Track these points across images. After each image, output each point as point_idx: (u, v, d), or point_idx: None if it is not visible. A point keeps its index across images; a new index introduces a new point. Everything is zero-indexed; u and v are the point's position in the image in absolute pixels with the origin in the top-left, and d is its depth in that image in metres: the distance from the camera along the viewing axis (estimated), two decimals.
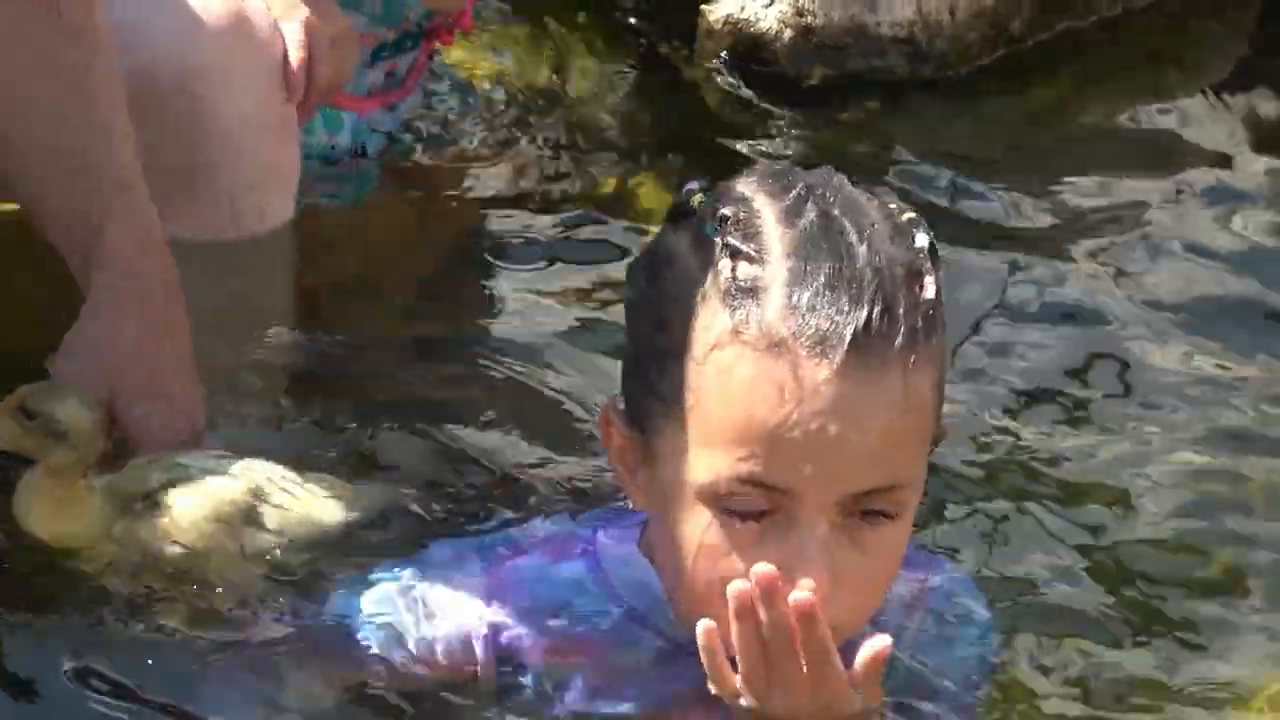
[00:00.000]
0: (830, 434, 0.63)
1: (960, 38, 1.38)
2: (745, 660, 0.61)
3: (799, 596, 0.59)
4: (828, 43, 1.37)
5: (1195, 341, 1.20)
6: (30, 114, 0.96)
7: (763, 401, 0.62)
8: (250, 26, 1.17)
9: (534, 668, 0.75)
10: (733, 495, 0.64)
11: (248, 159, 1.18)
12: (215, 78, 1.15)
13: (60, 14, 0.97)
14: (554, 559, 0.76)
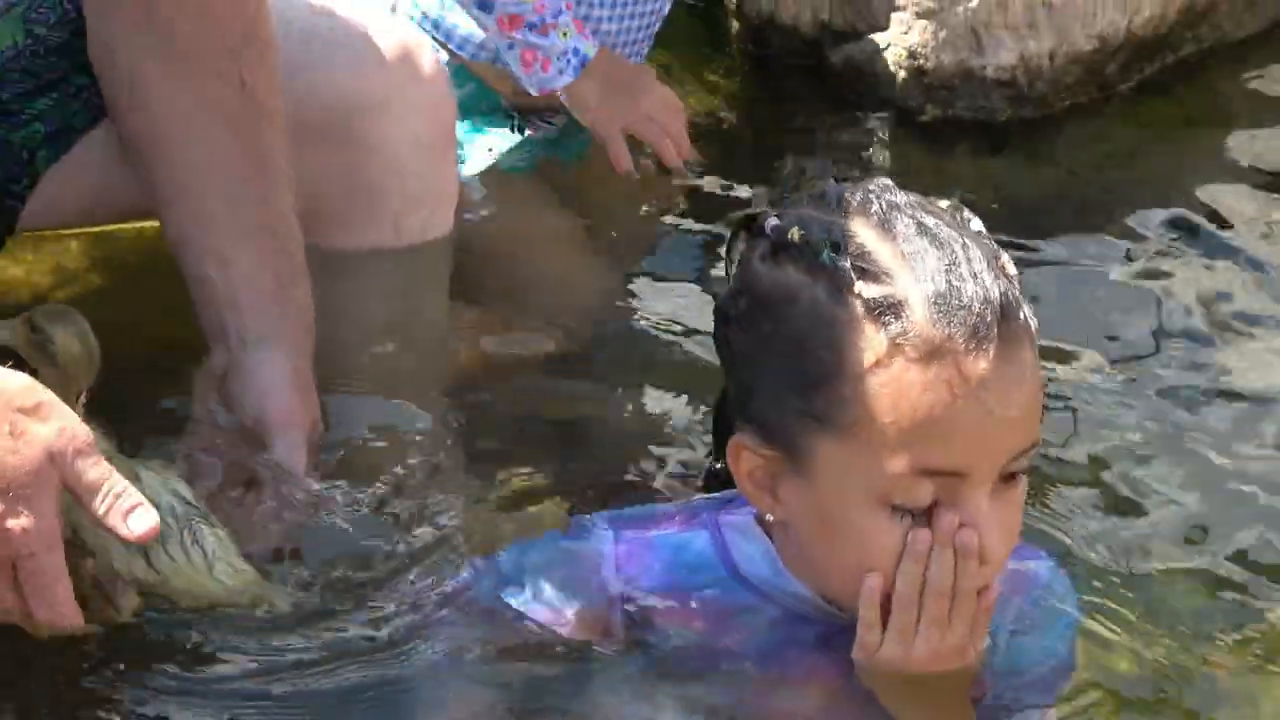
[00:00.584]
0: (995, 415, 0.70)
1: (1058, 81, 1.48)
2: (901, 600, 0.70)
3: (966, 537, 0.68)
4: (946, 63, 1.49)
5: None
6: (220, 189, 1.05)
7: (936, 402, 0.68)
8: (416, 62, 1.24)
9: (660, 630, 0.82)
10: (907, 490, 0.70)
11: (412, 182, 1.25)
12: (385, 110, 1.21)
13: (253, 95, 1.06)
14: (680, 531, 0.84)
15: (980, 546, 0.73)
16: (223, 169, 1.09)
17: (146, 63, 1.08)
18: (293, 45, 1.13)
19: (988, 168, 1.51)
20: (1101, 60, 1.52)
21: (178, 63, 1.08)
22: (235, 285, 1.05)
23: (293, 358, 1.02)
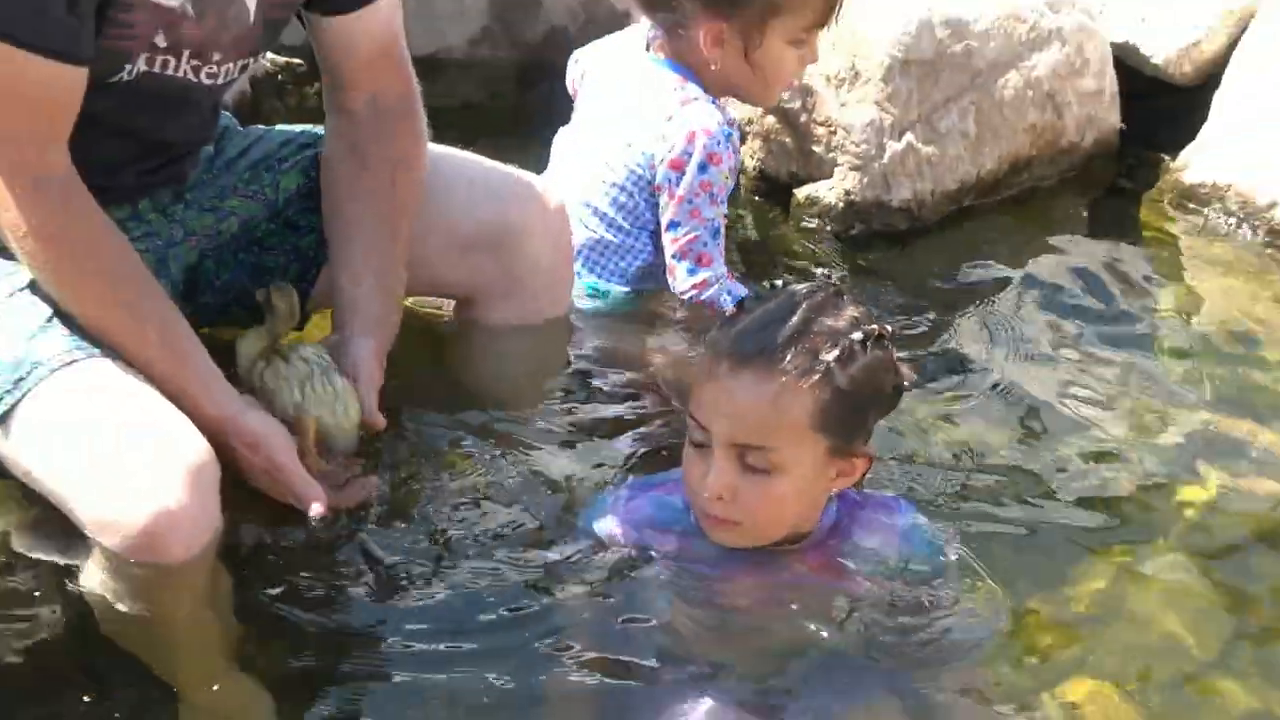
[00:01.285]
0: (721, 401, 1.17)
1: (935, 209, 2.20)
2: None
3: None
4: (857, 203, 2.14)
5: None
6: (366, 245, 1.52)
7: (701, 378, 1.19)
8: (546, 199, 1.71)
9: (656, 551, 1.31)
10: (694, 429, 1.19)
11: (542, 278, 1.71)
12: (526, 230, 1.69)
13: (398, 194, 1.56)
14: (667, 494, 1.34)
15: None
16: (371, 233, 1.56)
17: (342, 167, 1.57)
18: (463, 181, 1.65)
19: (892, 260, 2.17)
20: (961, 194, 2.23)
21: (363, 169, 1.56)
22: (358, 300, 1.51)
23: (375, 346, 1.48)
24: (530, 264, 1.70)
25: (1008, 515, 1.56)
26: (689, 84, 1.82)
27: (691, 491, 1.28)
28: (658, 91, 1.83)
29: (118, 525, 1.29)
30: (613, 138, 1.88)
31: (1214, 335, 2.01)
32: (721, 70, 1.83)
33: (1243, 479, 1.67)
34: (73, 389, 1.34)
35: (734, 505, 1.20)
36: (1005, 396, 1.78)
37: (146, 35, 1.42)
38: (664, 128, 1.80)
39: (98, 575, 1.36)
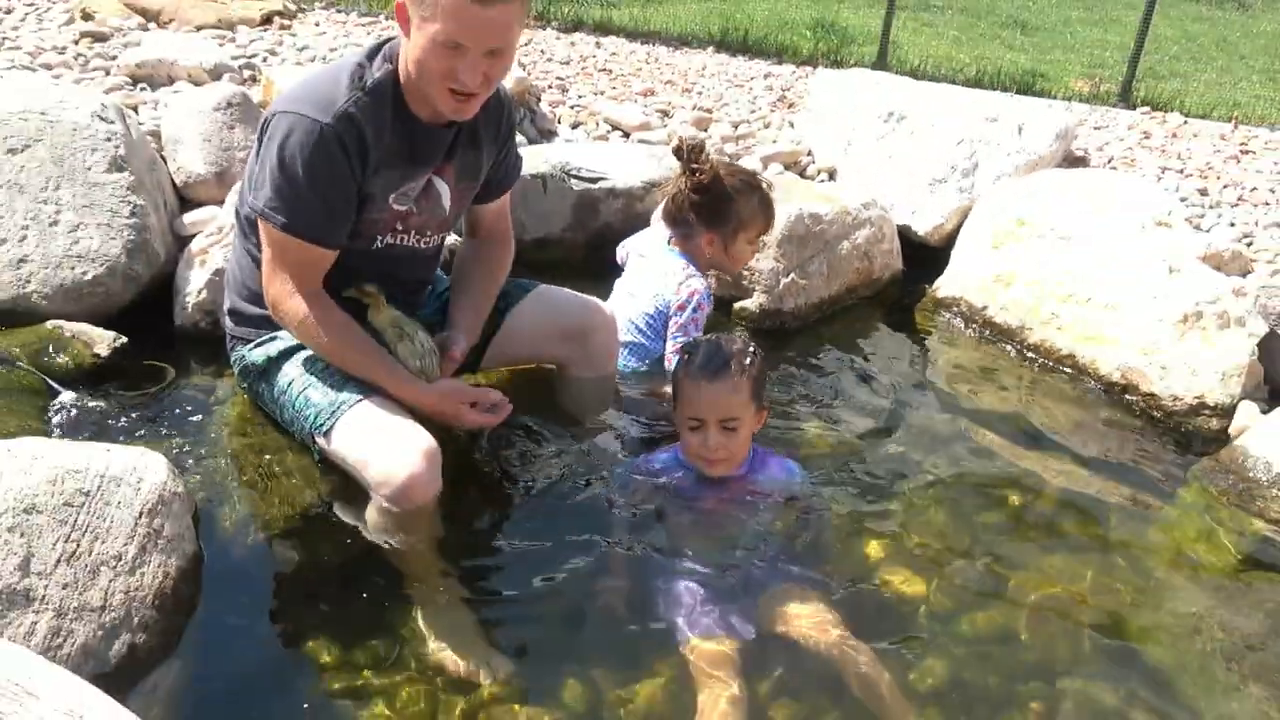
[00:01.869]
0: (704, 402, 1.98)
1: (807, 313, 3.29)
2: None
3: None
4: (765, 310, 3.18)
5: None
6: (473, 288, 2.27)
7: (688, 392, 2.01)
8: (605, 309, 2.44)
9: (658, 484, 2.12)
10: (689, 421, 2.00)
11: (603, 355, 2.44)
12: (595, 327, 2.41)
13: (494, 261, 2.32)
14: (669, 452, 2.15)
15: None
16: (477, 282, 2.28)
17: (467, 258, 2.32)
18: (562, 301, 2.40)
19: (785, 339, 3.09)
20: (821, 306, 3.27)
21: (477, 260, 2.30)
22: (461, 316, 2.20)
23: (464, 337, 2.13)
24: (596, 348, 2.43)
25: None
26: (689, 265, 2.65)
27: (694, 452, 2.05)
28: (671, 268, 2.65)
29: (389, 483, 1.89)
30: (646, 289, 2.65)
31: (948, 379, 3.05)
32: (711, 257, 2.70)
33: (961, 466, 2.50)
34: (361, 413, 1.98)
35: (723, 450, 2.01)
36: (841, 400, 2.77)
37: (389, 224, 2.06)
38: (675, 287, 2.61)
39: (375, 516, 1.95)
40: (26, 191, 2.67)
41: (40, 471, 1.68)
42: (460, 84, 1.86)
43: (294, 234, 1.92)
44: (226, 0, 5.33)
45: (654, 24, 6.67)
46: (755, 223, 2.69)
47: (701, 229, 2.66)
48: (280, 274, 1.97)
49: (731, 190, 2.64)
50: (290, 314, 1.98)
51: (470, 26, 1.80)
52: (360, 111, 1.91)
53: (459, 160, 2.11)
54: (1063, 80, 6.13)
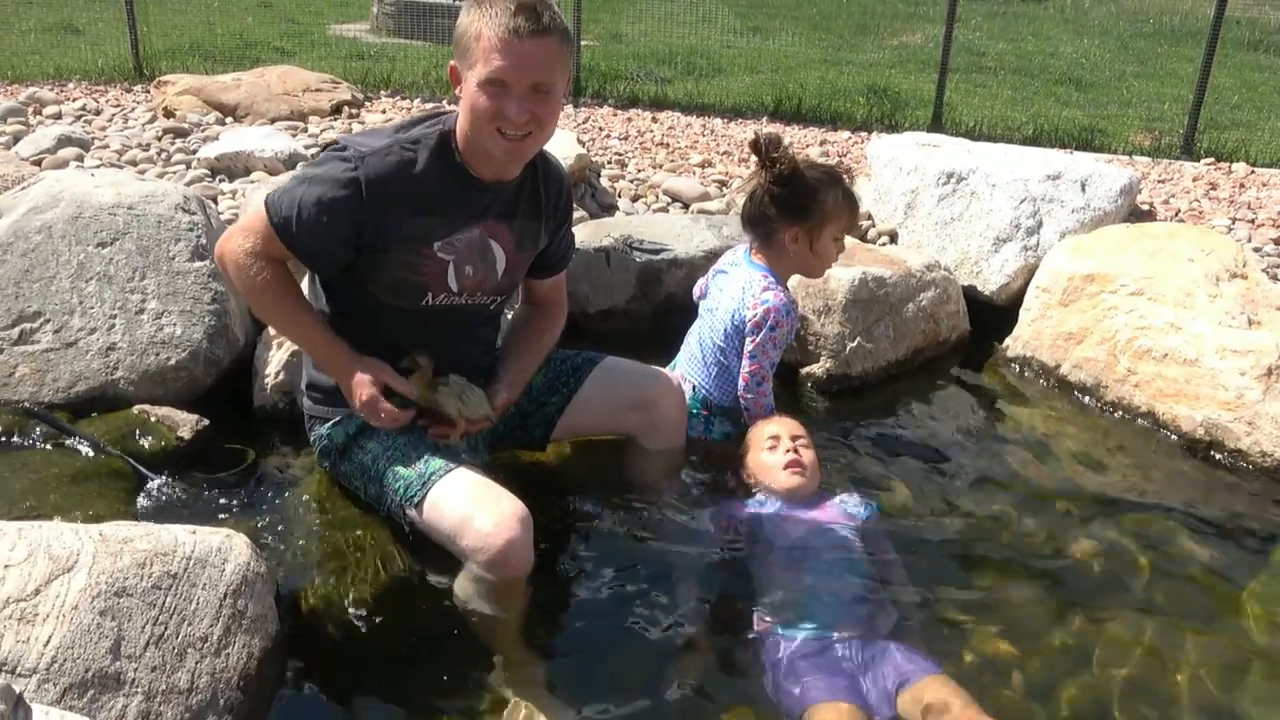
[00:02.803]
0: (790, 423, 2.41)
1: (875, 377, 3.31)
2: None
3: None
4: (833, 374, 3.22)
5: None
6: (523, 345, 2.36)
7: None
8: (670, 380, 2.46)
9: (743, 530, 2.31)
10: (771, 446, 2.42)
11: (670, 425, 2.45)
12: (661, 399, 2.45)
13: (544, 325, 2.41)
14: (741, 502, 2.39)
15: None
16: (525, 341, 2.34)
17: (521, 321, 2.40)
18: (628, 373, 2.44)
19: (852, 403, 3.10)
20: (889, 368, 3.26)
21: (528, 325, 2.37)
22: (507, 368, 2.26)
23: (508, 389, 2.20)
24: (662, 418, 2.46)
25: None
26: (769, 277, 2.54)
27: (776, 473, 2.28)
28: (749, 281, 2.55)
29: (486, 550, 1.88)
30: (724, 305, 2.59)
31: (1022, 439, 2.99)
32: (794, 258, 2.55)
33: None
34: (453, 482, 1.99)
35: (802, 464, 2.28)
36: (912, 460, 2.76)
37: (438, 277, 2.10)
38: (751, 303, 2.51)
39: (467, 585, 1.93)
40: (115, 282, 2.79)
41: (130, 555, 1.71)
42: (508, 122, 1.95)
43: (278, 230, 2.04)
44: (298, 93, 5.55)
45: (708, 97, 6.79)
46: (840, 216, 2.55)
47: (783, 224, 2.54)
48: (245, 238, 2.06)
49: (814, 181, 2.52)
50: (236, 264, 2.06)
51: (511, 61, 1.90)
52: (393, 157, 2.02)
53: (517, 228, 2.18)
54: (1122, 135, 6.09)
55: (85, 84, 6.38)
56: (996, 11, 13.40)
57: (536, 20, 1.91)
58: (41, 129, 4.69)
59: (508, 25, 1.90)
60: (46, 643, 1.57)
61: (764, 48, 9.40)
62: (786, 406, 2.83)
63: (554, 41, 1.95)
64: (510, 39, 1.90)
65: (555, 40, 1.95)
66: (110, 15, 8.34)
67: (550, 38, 1.94)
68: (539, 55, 1.93)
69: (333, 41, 8.99)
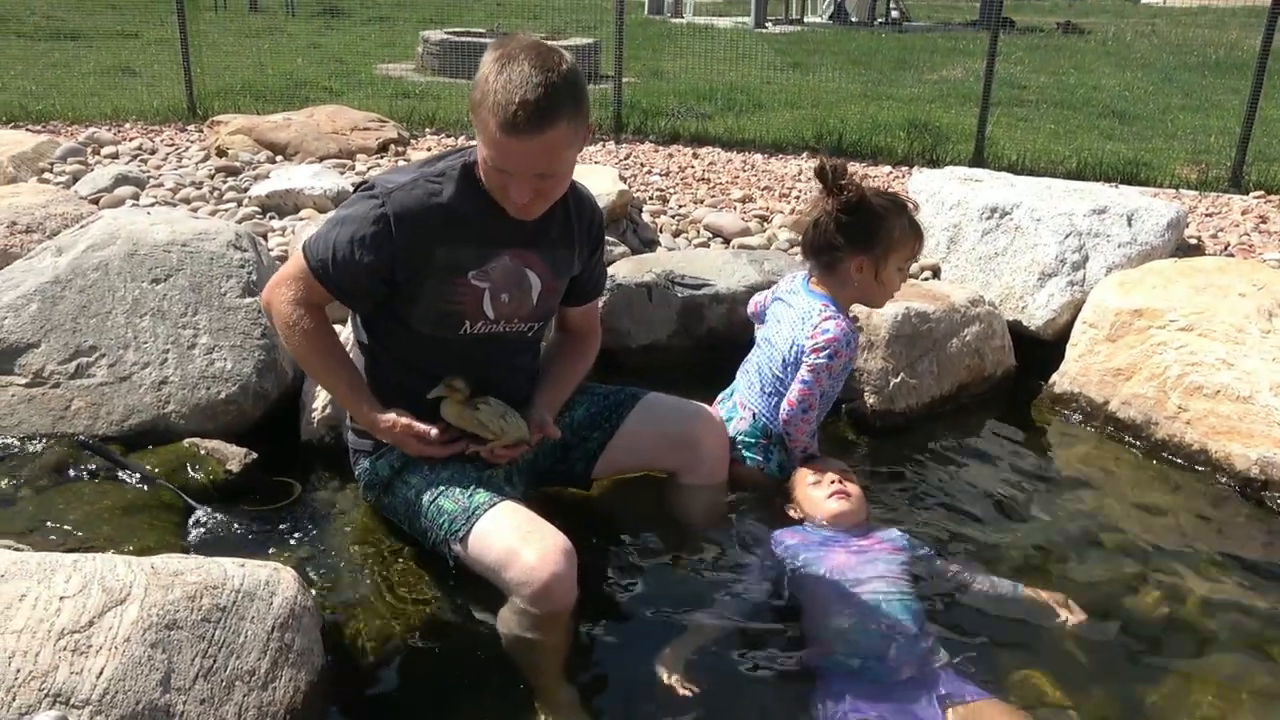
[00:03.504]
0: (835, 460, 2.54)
1: (920, 413, 3.27)
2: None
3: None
4: (876, 410, 3.22)
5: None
6: (559, 371, 2.40)
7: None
8: (712, 416, 2.48)
9: (797, 542, 2.33)
10: (819, 477, 2.45)
11: (712, 462, 2.44)
12: (703, 436, 2.42)
13: (580, 353, 2.45)
14: (792, 532, 2.39)
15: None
16: (560, 366, 2.37)
17: (556, 348, 2.42)
18: (671, 410, 2.42)
19: (897, 440, 3.04)
20: (933, 405, 3.20)
21: (563, 352, 2.40)
22: (543, 391, 2.28)
23: (545, 409, 2.21)
24: (704, 455, 2.45)
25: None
26: (830, 306, 2.50)
27: (822, 502, 2.32)
28: (809, 310, 2.51)
29: (531, 584, 1.87)
30: (783, 335, 2.57)
31: (1070, 477, 2.93)
32: (858, 288, 2.52)
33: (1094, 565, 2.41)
34: (497, 517, 2.01)
35: (847, 492, 2.34)
36: (958, 497, 2.71)
37: (473, 306, 2.11)
38: (811, 331, 2.47)
39: (510, 618, 1.93)
40: (168, 317, 2.85)
41: (180, 588, 1.74)
42: (511, 202, 1.99)
43: (315, 274, 2.09)
44: (346, 131, 5.66)
45: (748, 133, 6.82)
46: (906, 244, 2.52)
47: (849, 253, 2.51)
48: (289, 287, 2.13)
49: (881, 209, 2.49)
50: (280, 313, 2.14)
51: (511, 157, 1.90)
52: (419, 189, 2.05)
53: (550, 256, 2.19)
54: (1167, 168, 6.02)
55: (141, 124, 6.55)
56: (1038, 45, 13.36)
57: (539, 115, 1.86)
58: (100, 168, 4.82)
59: (509, 122, 1.85)
60: (99, 674, 1.59)
61: (804, 83, 9.44)
62: (829, 441, 2.84)
63: (559, 130, 1.89)
64: (509, 137, 1.87)
65: (561, 128, 1.89)
66: (165, 58, 8.57)
67: (554, 129, 1.88)
68: (541, 150, 1.90)
69: (379, 81, 9.16)
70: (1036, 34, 14.70)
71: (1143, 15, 19.65)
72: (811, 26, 16.27)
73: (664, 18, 17.05)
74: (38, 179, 4.68)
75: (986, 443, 3.15)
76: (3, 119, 6.47)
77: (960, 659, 2.03)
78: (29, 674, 1.56)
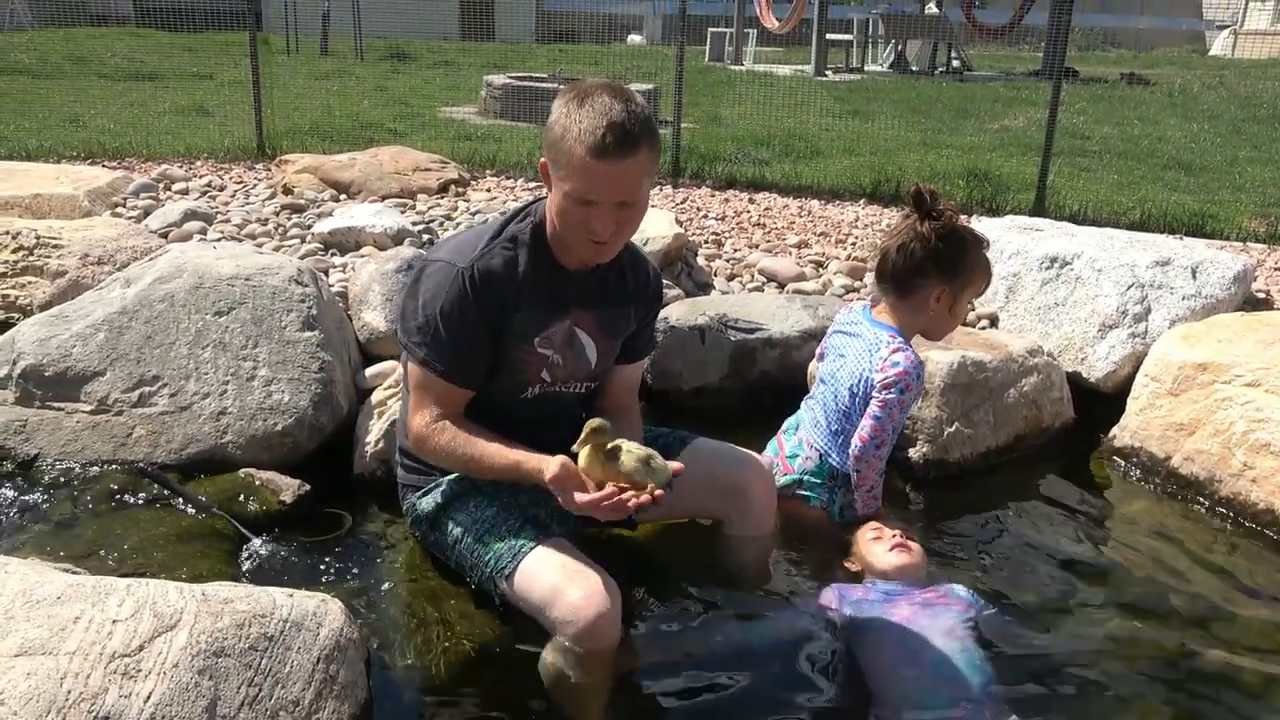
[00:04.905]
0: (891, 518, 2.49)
1: (974, 464, 3.25)
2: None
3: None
4: (929, 460, 3.15)
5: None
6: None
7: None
8: (760, 465, 2.41)
9: (853, 598, 2.30)
10: (880, 533, 2.42)
11: (759, 511, 2.40)
12: (751, 484, 2.39)
13: (634, 417, 2.36)
14: (849, 586, 2.35)
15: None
16: (623, 422, 2.25)
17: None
18: (719, 457, 2.37)
19: (951, 492, 2.97)
20: (988, 456, 3.12)
21: (605, 397, 2.41)
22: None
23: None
24: (752, 504, 2.41)
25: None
26: (897, 338, 2.48)
27: (883, 555, 2.28)
28: (877, 341, 2.49)
29: (576, 622, 1.89)
30: (848, 368, 2.53)
31: (1131, 534, 2.87)
32: (931, 317, 2.50)
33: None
34: (542, 556, 2.02)
35: (908, 545, 2.30)
36: (1017, 553, 2.66)
37: (535, 372, 2.14)
38: (880, 364, 2.44)
39: (554, 658, 1.94)
40: (229, 349, 2.92)
41: (230, 616, 1.76)
42: (594, 234, 1.99)
43: (432, 370, 2.06)
44: (408, 172, 5.78)
45: (805, 179, 6.82)
46: (981, 277, 2.55)
47: (935, 280, 2.49)
48: (424, 408, 2.10)
49: (970, 239, 2.51)
50: (434, 450, 2.11)
51: (598, 182, 1.92)
52: (496, 258, 2.06)
53: (603, 316, 2.20)
54: (1234, 221, 5.90)
55: (212, 162, 6.75)
56: (1101, 95, 13.23)
57: (626, 138, 1.91)
58: (170, 204, 4.96)
59: (597, 145, 1.90)
60: (147, 699, 1.61)
61: (862, 130, 9.44)
62: (884, 492, 2.79)
63: (642, 156, 1.95)
64: (598, 162, 1.91)
65: (643, 154, 1.95)
66: (238, 98, 8.84)
67: (639, 154, 1.94)
68: (626, 175, 1.94)
69: (442, 123, 9.35)
70: (1100, 84, 14.55)
71: (1210, 67, 19.36)
72: (871, 75, 16.28)
73: (724, 65, 17.18)
74: (111, 213, 4.84)
75: (1044, 497, 3.08)
76: (81, 155, 6.71)
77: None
78: (79, 695, 1.58)
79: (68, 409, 2.79)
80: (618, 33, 21.15)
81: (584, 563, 2.00)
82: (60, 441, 2.69)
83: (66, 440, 2.73)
